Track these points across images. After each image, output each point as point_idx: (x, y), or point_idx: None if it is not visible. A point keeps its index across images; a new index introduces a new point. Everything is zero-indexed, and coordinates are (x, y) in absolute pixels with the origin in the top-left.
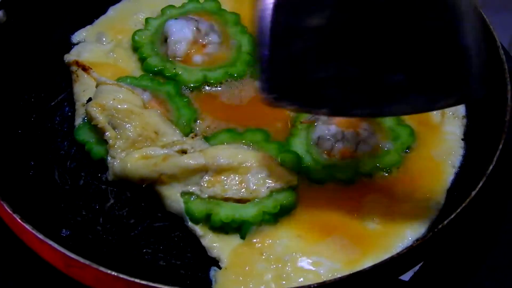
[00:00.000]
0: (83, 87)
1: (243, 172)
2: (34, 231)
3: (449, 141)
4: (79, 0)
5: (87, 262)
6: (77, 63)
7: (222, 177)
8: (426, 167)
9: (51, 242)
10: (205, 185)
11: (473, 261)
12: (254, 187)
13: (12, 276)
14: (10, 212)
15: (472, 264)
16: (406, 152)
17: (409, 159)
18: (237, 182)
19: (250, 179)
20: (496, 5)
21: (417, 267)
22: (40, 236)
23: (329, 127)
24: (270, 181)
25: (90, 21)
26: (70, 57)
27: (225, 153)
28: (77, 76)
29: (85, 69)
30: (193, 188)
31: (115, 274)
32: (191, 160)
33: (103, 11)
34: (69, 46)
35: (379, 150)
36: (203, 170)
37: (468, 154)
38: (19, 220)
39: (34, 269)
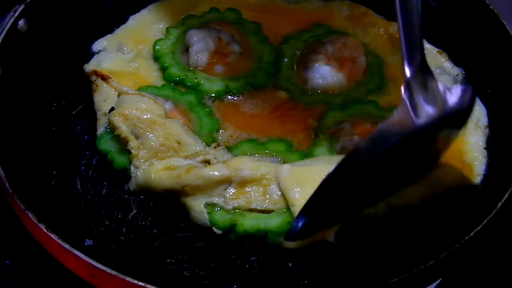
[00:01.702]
0: (103, 96)
1: (266, 183)
2: (59, 241)
3: (472, 151)
4: (100, 10)
5: (113, 272)
6: (95, 72)
7: (246, 188)
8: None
9: (76, 252)
10: (229, 197)
11: (492, 275)
12: (278, 197)
13: (36, 286)
14: (36, 222)
15: (491, 278)
16: None
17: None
18: (261, 193)
19: (273, 190)
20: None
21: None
22: (66, 246)
23: (352, 138)
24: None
25: (110, 30)
26: (89, 66)
27: (248, 165)
28: (97, 85)
29: (104, 78)
30: (217, 199)
31: (142, 284)
32: (215, 172)
33: (124, 20)
34: (90, 55)
35: None
36: (226, 181)
37: (491, 164)
38: (45, 230)
39: (58, 279)
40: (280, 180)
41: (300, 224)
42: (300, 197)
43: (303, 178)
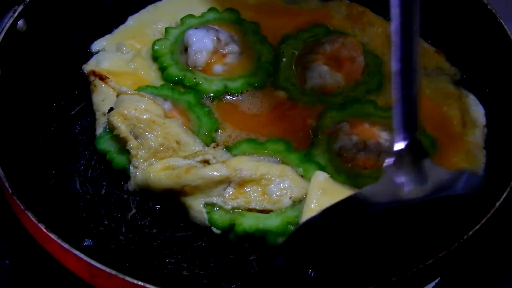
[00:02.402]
0: (102, 96)
1: (265, 183)
2: (59, 241)
3: (471, 150)
4: (99, 10)
5: (113, 272)
6: (94, 72)
7: (245, 188)
8: None
9: (76, 252)
10: (229, 197)
11: (492, 275)
12: (277, 198)
13: (35, 286)
14: (35, 221)
15: (491, 278)
16: None
17: None
18: (260, 193)
19: (273, 190)
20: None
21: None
22: (65, 246)
23: (351, 137)
24: (292, 192)
25: (109, 31)
26: (88, 67)
27: (247, 166)
28: (95, 85)
29: (102, 78)
30: (216, 199)
31: (142, 284)
32: (215, 172)
33: (123, 20)
34: (89, 55)
35: None
36: (225, 181)
37: (490, 163)
38: (44, 230)
39: (58, 279)
40: (313, 180)
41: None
42: (317, 202)
43: (331, 190)
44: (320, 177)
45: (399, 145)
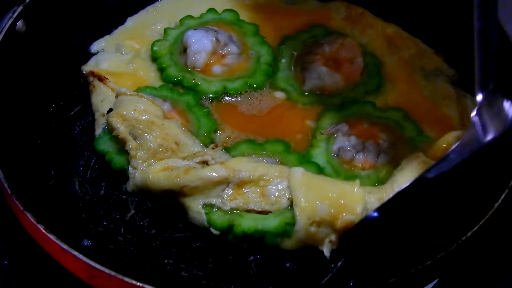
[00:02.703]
0: (101, 97)
1: (264, 184)
2: (58, 242)
3: None
4: (98, 11)
5: (112, 273)
6: (92, 73)
7: (244, 189)
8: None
9: (75, 253)
10: (227, 198)
11: (490, 275)
12: (275, 199)
13: (34, 286)
14: (34, 222)
15: (489, 279)
16: None
17: None
18: (258, 194)
19: (271, 191)
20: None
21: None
22: (64, 247)
23: (349, 138)
24: (290, 193)
25: (109, 31)
26: (87, 67)
27: (246, 167)
28: (94, 86)
29: (101, 79)
30: (215, 200)
31: (140, 284)
32: (213, 173)
33: (122, 21)
34: (88, 56)
35: (399, 160)
36: (224, 182)
37: (488, 165)
38: (43, 231)
39: (57, 280)
40: (292, 180)
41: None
42: (305, 198)
43: (314, 183)
44: (298, 174)
45: (479, 96)
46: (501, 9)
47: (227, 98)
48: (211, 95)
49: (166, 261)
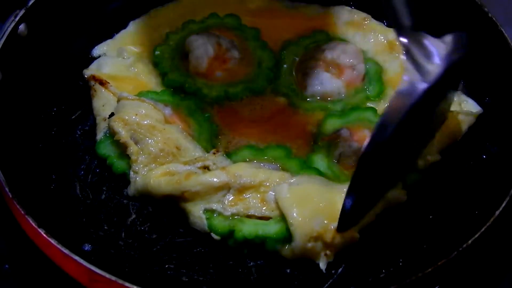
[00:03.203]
0: (102, 101)
1: (265, 190)
2: (59, 246)
3: None
4: (100, 15)
5: (113, 278)
6: (94, 77)
7: (244, 195)
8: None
9: (76, 257)
10: (228, 203)
11: (490, 282)
12: (276, 204)
13: None
14: (35, 226)
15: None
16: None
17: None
18: (259, 200)
19: (272, 196)
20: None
21: None
22: (65, 251)
23: (351, 144)
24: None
25: (110, 36)
26: (88, 71)
27: (247, 172)
28: (95, 90)
29: (102, 83)
30: (216, 205)
31: None
32: (214, 178)
33: (124, 25)
34: (90, 60)
35: None
36: (225, 188)
37: (490, 172)
38: (44, 235)
39: (57, 284)
40: (280, 200)
41: (349, 205)
42: (299, 216)
43: (302, 198)
44: (284, 193)
45: (403, 39)
46: (502, 15)
47: (228, 102)
48: (212, 100)
49: (166, 266)
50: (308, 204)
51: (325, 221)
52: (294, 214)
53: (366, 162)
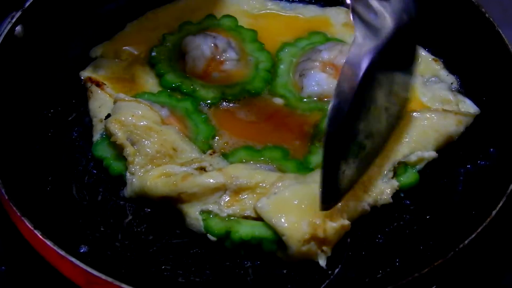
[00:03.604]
0: (98, 103)
1: (261, 192)
2: (55, 247)
3: None
4: (97, 16)
5: (109, 279)
6: (90, 79)
7: (241, 196)
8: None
9: (72, 259)
10: (224, 204)
11: (488, 282)
12: None
13: None
14: (31, 228)
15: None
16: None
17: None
18: (255, 201)
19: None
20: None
21: None
22: (62, 253)
23: None
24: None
25: (108, 37)
26: (85, 73)
27: (243, 173)
28: (91, 92)
29: (98, 85)
30: (212, 206)
31: None
32: (210, 179)
33: (121, 27)
34: (87, 61)
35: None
36: (221, 189)
37: (487, 171)
38: (40, 237)
39: (54, 286)
40: (264, 216)
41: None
42: (288, 224)
43: (284, 206)
44: (265, 208)
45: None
46: (501, 14)
47: (225, 104)
48: (209, 101)
49: (163, 267)
50: (291, 209)
51: (313, 219)
52: (282, 224)
53: (332, 140)
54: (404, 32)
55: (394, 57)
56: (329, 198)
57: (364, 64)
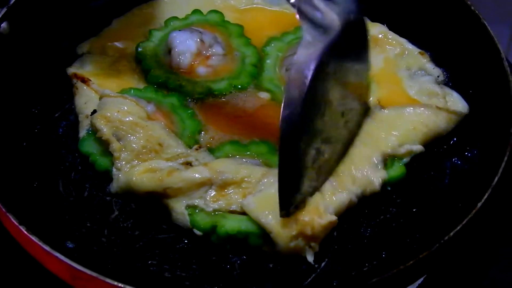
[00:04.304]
0: (84, 99)
1: (247, 186)
2: (40, 243)
3: None
4: (84, 12)
5: (94, 274)
6: (76, 75)
7: (226, 191)
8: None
9: (57, 254)
10: (210, 199)
11: (476, 273)
12: None
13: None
14: (16, 224)
15: (475, 277)
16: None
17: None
18: (241, 196)
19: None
20: (491, 17)
21: (420, 280)
22: (47, 248)
23: None
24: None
25: (94, 33)
26: (71, 69)
27: (229, 168)
28: (77, 88)
29: (84, 81)
30: (198, 201)
31: (123, 286)
32: (196, 174)
33: (108, 23)
34: (74, 57)
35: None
36: (207, 184)
37: (472, 165)
38: (25, 232)
39: (39, 281)
40: (250, 213)
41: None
42: (275, 221)
43: (270, 203)
44: (251, 206)
45: None
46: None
47: (211, 99)
48: (195, 96)
49: (149, 262)
50: (277, 206)
51: (300, 216)
52: (269, 221)
53: (286, 144)
54: (353, 29)
55: (344, 55)
56: (287, 204)
57: (313, 66)
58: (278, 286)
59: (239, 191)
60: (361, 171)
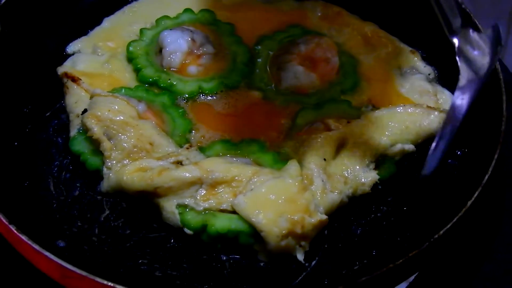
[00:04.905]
0: (75, 98)
1: (237, 185)
2: (30, 242)
3: None
4: (74, 12)
5: (84, 273)
6: (66, 74)
7: (217, 190)
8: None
9: (47, 253)
10: (200, 198)
11: (467, 271)
12: None
13: (6, 287)
14: (6, 223)
15: (466, 274)
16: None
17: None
18: (231, 195)
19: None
20: (487, 15)
21: (412, 278)
22: (36, 247)
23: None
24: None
25: (85, 32)
26: (62, 68)
27: (219, 167)
28: (68, 87)
29: (74, 80)
30: (188, 200)
31: (112, 285)
32: (186, 173)
33: (98, 22)
34: (65, 57)
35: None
36: (197, 183)
37: (462, 162)
38: (15, 231)
39: (30, 280)
40: (241, 213)
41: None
42: (266, 220)
43: (261, 202)
44: (242, 205)
45: (455, 40)
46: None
47: (202, 98)
48: (186, 95)
49: (140, 261)
50: (268, 205)
51: (290, 215)
52: (260, 220)
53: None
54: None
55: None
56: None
57: (465, 108)
58: (269, 285)
59: (230, 190)
60: (353, 172)
